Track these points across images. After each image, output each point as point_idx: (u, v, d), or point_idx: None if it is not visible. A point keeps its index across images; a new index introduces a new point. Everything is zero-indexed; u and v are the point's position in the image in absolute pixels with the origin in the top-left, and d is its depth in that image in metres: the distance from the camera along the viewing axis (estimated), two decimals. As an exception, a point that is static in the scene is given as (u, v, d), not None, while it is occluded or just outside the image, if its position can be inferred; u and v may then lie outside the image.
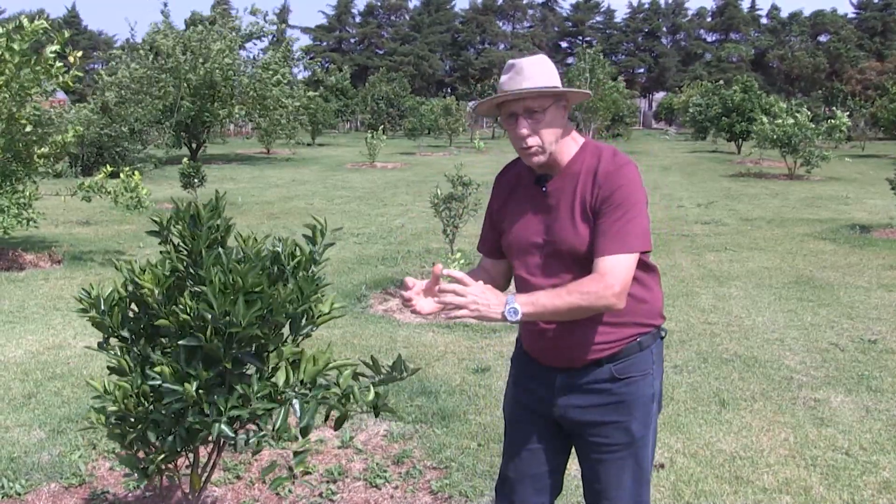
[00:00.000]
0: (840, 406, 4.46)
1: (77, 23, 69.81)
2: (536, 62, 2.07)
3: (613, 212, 2.00)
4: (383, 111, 39.22)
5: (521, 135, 2.05)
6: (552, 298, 1.95)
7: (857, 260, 8.76)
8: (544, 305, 1.94)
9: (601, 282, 1.95)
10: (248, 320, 2.15)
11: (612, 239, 1.98)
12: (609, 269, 1.97)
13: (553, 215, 2.09)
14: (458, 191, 6.96)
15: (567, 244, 2.05)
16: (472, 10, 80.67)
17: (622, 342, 2.10)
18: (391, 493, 3.44)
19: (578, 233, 2.03)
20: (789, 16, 76.37)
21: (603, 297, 1.95)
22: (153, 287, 2.29)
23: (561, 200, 2.08)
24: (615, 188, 2.01)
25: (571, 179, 2.08)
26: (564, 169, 2.10)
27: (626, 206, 2.00)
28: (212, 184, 15.08)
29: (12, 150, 7.83)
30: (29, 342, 5.64)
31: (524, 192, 2.18)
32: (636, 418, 2.13)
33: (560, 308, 1.95)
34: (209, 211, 2.39)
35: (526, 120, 2.04)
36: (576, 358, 2.10)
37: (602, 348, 2.08)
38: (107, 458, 3.74)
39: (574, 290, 1.96)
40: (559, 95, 2.06)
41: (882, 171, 19.39)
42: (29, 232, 9.25)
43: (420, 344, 5.56)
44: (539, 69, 2.05)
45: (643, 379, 2.13)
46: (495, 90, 2.76)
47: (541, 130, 2.04)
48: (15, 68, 7.18)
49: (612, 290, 1.95)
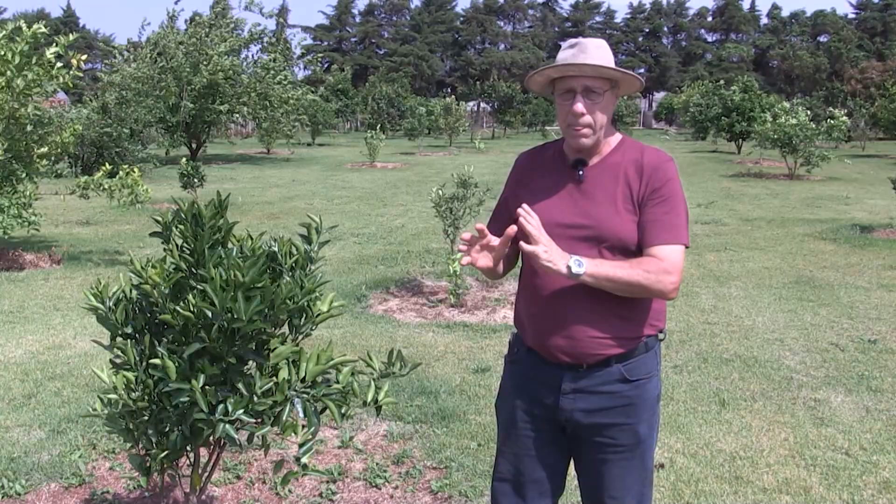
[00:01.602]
0: (840, 406, 4.46)
1: (74, 22, 69.79)
2: (601, 44, 2.07)
3: (663, 204, 2.02)
4: (383, 111, 39.23)
5: (578, 111, 2.02)
6: (616, 268, 1.98)
7: (858, 260, 8.75)
8: (607, 272, 1.96)
9: (662, 267, 1.98)
10: (250, 316, 2.16)
11: (666, 229, 2.01)
12: (666, 256, 2.00)
13: (590, 200, 2.07)
14: (459, 191, 6.96)
15: (610, 230, 2.04)
16: (472, 9, 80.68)
17: (633, 341, 2.08)
18: (391, 493, 3.44)
19: (623, 220, 2.04)
20: (789, 15, 76.44)
21: (661, 281, 1.98)
22: (159, 281, 2.30)
23: (599, 187, 2.07)
24: (664, 181, 2.03)
25: (612, 169, 2.08)
26: (605, 158, 2.10)
27: (675, 199, 2.04)
28: (211, 184, 15.08)
29: (13, 150, 7.84)
30: (29, 342, 5.65)
31: (554, 175, 2.16)
32: (643, 420, 2.12)
33: (622, 279, 1.97)
34: (211, 211, 2.39)
35: (584, 98, 2.02)
36: (585, 352, 2.07)
37: (613, 344, 2.06)
38: (107, 458, 3.74)
39: (638, 267, 1.98)
40: (616, 81, 2.06)
41: (882, 171, 19.40)
42: (27, 233, 9.25)
43: (420, 344, 5.56)
44: (604, 52, 2.06)
45: (649, 381, 2.13)
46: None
47: (596, 111, 2.04)
48: (16, 69, 7.20)
49: (671, 276, 1.99)
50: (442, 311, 6.51)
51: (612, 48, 2.12)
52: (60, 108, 17.15)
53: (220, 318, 2.16)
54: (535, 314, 2.13)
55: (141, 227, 11.05)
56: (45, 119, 8.27)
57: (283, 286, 2.25)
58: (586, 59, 2.00)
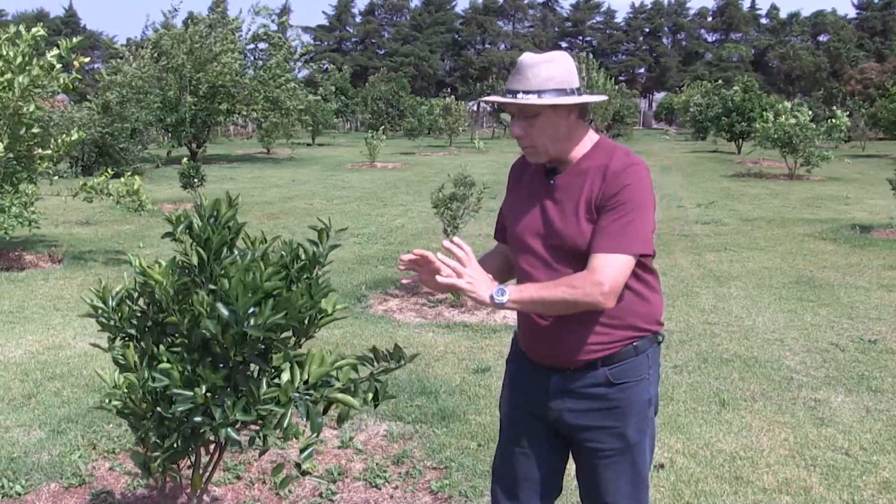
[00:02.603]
0: (840, 406, 4.46)
1: (75, 22, 69.76)
2: (541, 63, 2.01)
3: (615, 210, 1.98)
4: (383, 111, 39.21)
5: (515, 133, 2.08)
6: (540, 290, 1.98)
7: (858, 260, 8.75)
8: (531, 295, 1.97)
9: (590, 279, 1.95)
10: (269, 324, 2.13)
11: (609, 237, 1.97)
12: (600, 266, 1.95)
13: (559, 209, 2.08)
14: (459, 191, 6.96)
15: (569, 239, 2.04)
16: (472, 10, 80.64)
17: (617, 344, 2.07)
18: (391, 494, 3.44)
19: (581, 229, 2.02)
20: (789, 15, 76.39)
21: (590, 294, 1.94)
22: (163, 280, 2.28)
23: (568, 195, 2.08)
24: (621, 187, 1.98)
25: (581, 175, 2.07)
26: (575, 165, 2.10)
27: (629, 206, 1.98)
28: (212, 184, 15.09)
29: (14, 151, 7.84)
30: (29, 342, 5.65)
31: (532, 184, 2.18)
32: (631, 424, 2.10)
33: (546, 299, 1.97)
34: (230, 210, 2.36)
35: (520, 121, 2.05)
36: (570, 357, 2.08)
37: (596, 349, 2.06)
38: (107, 458, 3.74)
39: (562, 284, 1.97)
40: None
41: (882, 171, 19.38)
42: (29, 232, 9.25)
43: (420, 344, 5.57)
44: (541, 72, 1.99)
45: (638, 384, 2.10)
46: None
47: (533, 133, 2.05)
48: (17, 70, 7.21)
49: (601, 288, 1.93)
50: (442, 311, 6.51)
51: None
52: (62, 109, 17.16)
53: (238, 321, 2.13)
54: (528, 320, 2.15)
55: (141, 227, 11.06)
56: (46, 119, 8.28)
57: (296, 294, 2.22)
58: (518, 84, 2.01)
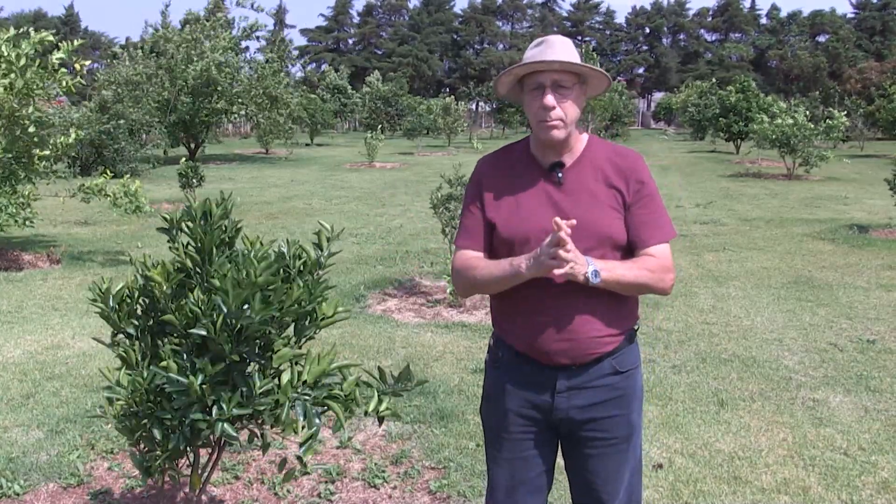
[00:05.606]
0: (839, 406, 4.46)
1: (75, 22, 69.72)
2: (566, 40, 2.11)
3: (648, 203, 2.09)
4: (381, 110, 39.21)
5: (549, 104, 2.02)
6: (624, 270, 2.02)
7: (856, 260, 8.76)
8: (618, 274, 2.00)
9: (662, 265, 2.05)
10: (262, 317, 2.17)
11: (657, 228, 2.08)
12: (662, 254, 2.07)
13: (573, 201, 2.07)
14: (457, 191, 6.95)
15: (602, 229, 2.04)
16: (471, 10, 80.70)
17: (622, 335, 2.12)
18: (389, 493, 3.44)
19: (612, 219, 2.06)
20: (788, 15, 76.48)
21: (663, 279, 2.06)
22: (162, 281, 2.30)
23: (581, 187, 2.08)
24: (645, 181, 2.10)
25: (591, 166, 2.10)
26: (581, 157, 2.11)
27: (656, 197, 2.11)
28: (210, 184, 15.09)
29: (13, 151, 7.84)
30: (27, 342, 5.64)
31: (527, 179, 2.13)
32: (634, 409, 2.17)
33: (630, 281, 2.02)
34: (221, 209, 2.39)
35: (553, 92, 2.03)
36: (583, 352, 2.07)
37: (607, 341, 2.09)
38: (105, 458, 3.73)
39: (643, 267, 2.04)
40: (584, 78, 2.09)
41: (881, 171, 19.39)
42: (27, 232, 9.25)
43: (418, 344, 5.56)
44: (569, 47, 2.09)
45: (636, 370, 2.18)
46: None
47: (566, 105, 2.04)
48: (20, 71, 7.22)
49: (672, 275, 2.08)
50: (440, 311, 6.51)
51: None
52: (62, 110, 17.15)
53: (231, 315, 2.16)
54: (530, 320, 2.09)
55: (139, 227, 11.05)
56: (46, 120, 8.27)
57: (293, 289, 2.26)
58: (554, 56, 2.02)
